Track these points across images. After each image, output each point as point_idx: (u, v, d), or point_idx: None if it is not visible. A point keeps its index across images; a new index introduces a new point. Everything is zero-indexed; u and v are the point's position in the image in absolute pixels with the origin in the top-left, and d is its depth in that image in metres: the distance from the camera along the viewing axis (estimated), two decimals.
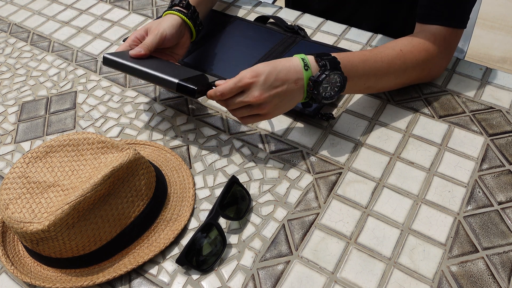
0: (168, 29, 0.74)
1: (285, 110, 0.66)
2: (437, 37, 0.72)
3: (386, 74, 0.70)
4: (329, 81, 0.62)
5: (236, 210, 0.61)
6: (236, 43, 0.88)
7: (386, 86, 0.75)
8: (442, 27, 0.72)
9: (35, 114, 0.80)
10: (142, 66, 0.67)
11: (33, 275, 0.56)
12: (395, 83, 0.74)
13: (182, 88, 0.63)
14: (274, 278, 0.56)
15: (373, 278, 0.56)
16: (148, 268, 0.58)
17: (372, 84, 0.71)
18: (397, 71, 0.71)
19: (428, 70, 0.75)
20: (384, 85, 0.74)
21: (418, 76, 0.76)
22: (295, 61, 0.63)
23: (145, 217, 0.60)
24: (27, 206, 0.53)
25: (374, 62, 0.68)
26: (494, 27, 2.24)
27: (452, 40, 0.74)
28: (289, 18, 0.97)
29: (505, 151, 0.69)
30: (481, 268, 0.56)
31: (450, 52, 0.76)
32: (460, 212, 0.62)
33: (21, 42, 0.96)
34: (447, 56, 0.76)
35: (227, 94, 0.63)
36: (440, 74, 0.79)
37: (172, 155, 0.70)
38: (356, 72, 0.66)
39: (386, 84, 0.74)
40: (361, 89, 0.72)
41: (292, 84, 0.62)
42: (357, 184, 0.65)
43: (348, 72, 0.65)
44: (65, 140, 0.58)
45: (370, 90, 0.75)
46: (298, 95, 0.64)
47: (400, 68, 0.71)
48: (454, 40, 0.74)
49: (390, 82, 0.73)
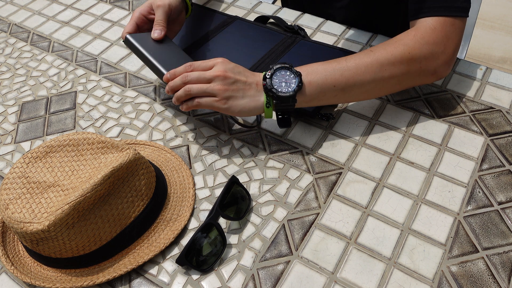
0: (173, 1, 0.75)
1: (242, 107, 0.65)
2: (421, 29, 0.67)
3: (355, 73, 0.66)
4: (281, 77, 0.65)
5: (236, 210, 0.61)
6: (236, 43, 0.88)
7: (366, 88, 0.68)
8: (432, 18, 0.67)
9: (35, 114, 0.80)
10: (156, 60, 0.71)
11: (33, 275, 0.56)
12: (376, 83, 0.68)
13: None
14: (274, 278, 0.56)
15: (373, 278, 0.56)
16: (148, 268, 0.58)
17: (343, 85, 0.66)
18: (369, 69, 0.66)
19: (418, 66, 0.68)
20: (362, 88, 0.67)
21: (407, 74, 0.68)
22: (259, 73, 0.68)
23: (145, 217, 0.60)
24: (27, 206, 0.53)
25: (336, 62, 0.67)
26: (494, 27, 2.24)
27: (447, 31, 0.67)
28: (289, 18, 0.97)
29: (505, 151, 0.69)
30: (481, 268, 0.56)
31: (449, 45, 0.68)
32: (460, 212, 0.62)
33: (21, 42, 0.96)
34: (445, 49, 0.68)
35: (197, 68, 0.65)
36: (444, 70, 0.70)
37: (172, 155, 0.70)
38: (316, 71, 0.66)
39: (364, 86, 0.67)
40: (334, 93, 0.67)
41: (254, 83, 0.65)
42: (357, 184, 0.65)
43: (307, 71, 0.66)
44: (65, 140, 0.58)
45: (349, 95, 0.69)
46: (258, 95, 0.65)
47: (372, 65, 0.66)
48: (451, 30, 0.67)
49: (368, 83, 0.67)
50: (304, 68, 0.66)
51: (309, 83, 0.65)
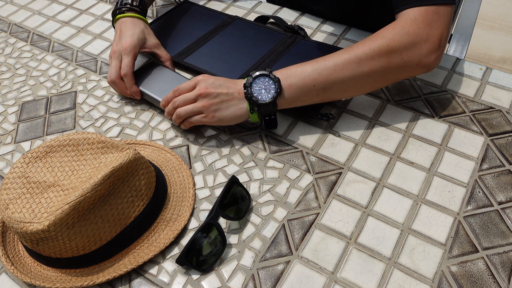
0: (135, 42, 0.79)
1: (230, 117, 0.69)
2: (401, 21, 0.67)
3: (333, 71, 0.66)
4: (260, 83, 0.67)
5: (236, 210, 0.61)
6: (236, 43, 0.88)
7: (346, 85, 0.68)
8: (413, 9, 0.66)
9: (35, 114, 0.80)
10: (150, 91, 0.78)
11: (33, 275, 0.56)
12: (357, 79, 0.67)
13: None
14: (274, 278, 0.56)
15: (373, 278, 0.56)
16: (148, 268, 0.58)
17: (323, 84, 0.67)
18: (347, 66, 0.66)
19: (399, 57, 0.66)
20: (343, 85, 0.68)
21: (388, 67, 0.67)
22: (240, 80, 0.70)
23: (145, 217, 0.60)
24: (27, 206, 0.53)
25: (315, 62, 0.67)
26: (494, 27, 2.24)
27: (430, 19, 0.66)
28: (289, 18, 0.97)
29: (505, 151, 0.69)
30: (481, 268, 0.56)
31: (432, 34, 0.66)
32: (460, 212, 0.62)
33: (21, 42, 0.96)
34: (429, 38, 0.66)
35: (182, 91, 0.70)
36: (431, 60, 0.67)
37: (172, 155, 0.70)
38: (295, 73, 0.67)
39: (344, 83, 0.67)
40: (315, 92, 0.67)
41: (236, 92, 0.68)
42: (357, 184, 0.65)
43: (286, 74, 0.68)
44: (65, 140, 0.58)
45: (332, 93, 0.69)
46: (242, 103, 0.68)
47: (350, 61, 0.66)
48: (434, 18, 0.66)
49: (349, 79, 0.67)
50: (284, 72, 0.68)
51: (288, 86, 0.67)
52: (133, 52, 0.77)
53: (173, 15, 0.97)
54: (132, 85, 0.77)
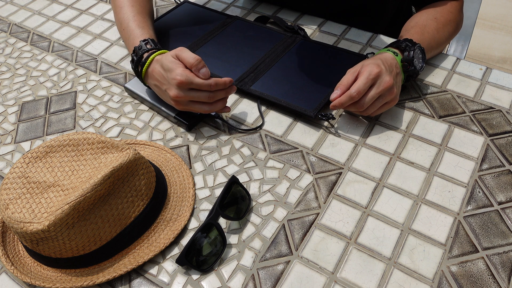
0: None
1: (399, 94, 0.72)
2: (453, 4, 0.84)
3: (439, 40, 0.81)
4: (416, 55, 0.73)
5: (236, 210, 0.61)
6: (236, 43, 0.88)
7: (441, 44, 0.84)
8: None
9: (35, 114, 0.80)
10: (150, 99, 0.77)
11: (33, 275, 0.56)
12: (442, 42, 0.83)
13: (178, 120, 0.74)
14: (274, 278, 0.56)
15: (373, 278, 0.56)
16: (148, 268, 0.58)
17: (434, 47, 0.81)
18: (441, 32, 0.81)
19: (456, 25, 0.85)
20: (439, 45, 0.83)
21: (453, 32, 0.86)
22: (385, 53, 0.72)
23: (145, 217, 0.60)
24: (27, 206, 0.53)
25: (427, 34, 0.79)
26: (494, 27, 2.24)
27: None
28: (289, 18, 0.97)
29: (505, 151, 0.69)
30: (481, 268, 0.56)
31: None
32: (460, 212, 0.62)
33: (21, 42, 0.96)
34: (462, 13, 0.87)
35: (363, 91, 0.66)
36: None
37: (172, 155, 0.70)
38: (423, 43, 0.77)
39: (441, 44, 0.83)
40: (430, 55, 0.81)
41: (397, 69, 0.71)
42: (357, 184, 0.65)
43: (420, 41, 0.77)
44: (65, 140, 0.58)
45: (434, 53, 0.84)
46: (401, 77, 0.73)
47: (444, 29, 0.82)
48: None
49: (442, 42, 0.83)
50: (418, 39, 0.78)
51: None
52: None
53: (173, 15, 0.97)
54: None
